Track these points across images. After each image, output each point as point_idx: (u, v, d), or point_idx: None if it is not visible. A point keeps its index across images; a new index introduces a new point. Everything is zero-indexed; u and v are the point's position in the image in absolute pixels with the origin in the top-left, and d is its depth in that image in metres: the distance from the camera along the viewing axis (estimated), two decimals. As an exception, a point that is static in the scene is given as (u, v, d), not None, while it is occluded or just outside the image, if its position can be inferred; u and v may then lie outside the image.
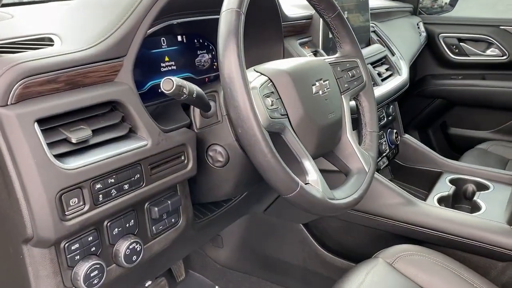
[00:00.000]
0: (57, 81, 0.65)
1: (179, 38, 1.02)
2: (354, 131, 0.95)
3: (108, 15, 0.75)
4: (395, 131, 1.56)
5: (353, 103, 0.98)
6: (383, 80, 1.47)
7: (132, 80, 0.74)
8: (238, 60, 0.66)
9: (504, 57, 2.16)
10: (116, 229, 0.73)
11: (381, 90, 1.38)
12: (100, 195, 0.67)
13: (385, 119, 1.52)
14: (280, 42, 1.11)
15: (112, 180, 0.68)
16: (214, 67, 1.11)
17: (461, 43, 2.23)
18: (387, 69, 1.55)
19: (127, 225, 0.75)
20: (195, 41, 1.06)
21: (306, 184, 0.74)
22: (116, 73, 0.73)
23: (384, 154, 1.49)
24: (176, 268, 1.54)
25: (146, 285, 1.41)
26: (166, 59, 0.99)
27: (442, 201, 1.31)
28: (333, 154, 0.92)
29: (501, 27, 2.14)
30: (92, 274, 0.68)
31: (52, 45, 0.70)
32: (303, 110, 0.79)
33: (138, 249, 0.75)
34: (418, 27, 2.22)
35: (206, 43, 1.08)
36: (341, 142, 0.92)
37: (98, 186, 0.67)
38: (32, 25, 0.80)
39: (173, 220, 0.84)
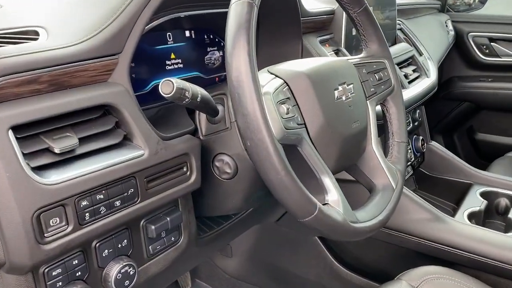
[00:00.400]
0: (39, 81, 0.56)
1: (187, 33, 0.94)
2: (379, 138, 0.85)
3: (102, 6, 0.67)
4: (421, 137, 1.45)
5: (378, 107, 0.88)
6: (410, 82, 1.35)
7: (128, 80, 0.66)
8: (248, 60, 0.56)
9: (540, 59, 2.02)
10: (106, 251, 0.65)
11: (408, 94, 1.27)
12: (87, 214, 0.59)
13: (411, 124, 1.41)
14: (298, 39, 1.02)
15: (101, 196, 0.60)
16: (226, 65, 1.02)
17: (492, 43, 2.10)
18: (414, 71, 1.43)
19: (119, 245, 0.67)
20: (205, 36, 0.98)
21: (325, 204, 0.65)
22: (110, 73, 0.64)
23: (409, 163, 1.38)
24: (182, 278, 1.46)
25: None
26: (172, 56, 0.90)
27: (472, 217, 1.21)
28: (356, 167, 0.82)
29: (537, 26, 2.01)
30: (76, 303, 0.60)
31: (36, 39, 0.62)
32: (324, 119, 0.69)
33: (131, 272, 0.67)
34: (446, 26, 2.10)
35: (217, 39, 1.00)
36: (365, 153, 0.82)
37: (84, 203, 0.59)
38: (20, 16, 0.72)
39: (172, 238, 0.75)
